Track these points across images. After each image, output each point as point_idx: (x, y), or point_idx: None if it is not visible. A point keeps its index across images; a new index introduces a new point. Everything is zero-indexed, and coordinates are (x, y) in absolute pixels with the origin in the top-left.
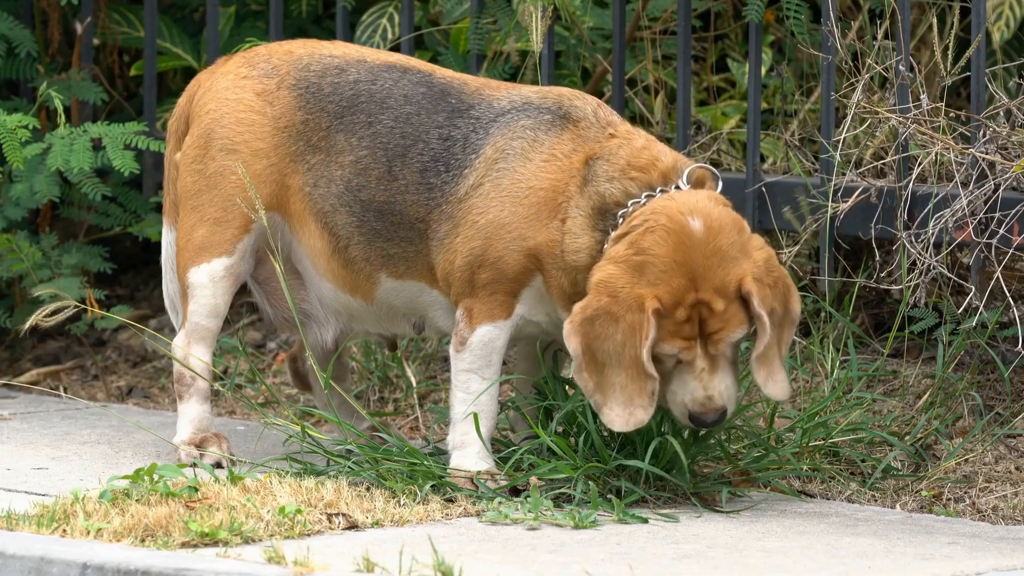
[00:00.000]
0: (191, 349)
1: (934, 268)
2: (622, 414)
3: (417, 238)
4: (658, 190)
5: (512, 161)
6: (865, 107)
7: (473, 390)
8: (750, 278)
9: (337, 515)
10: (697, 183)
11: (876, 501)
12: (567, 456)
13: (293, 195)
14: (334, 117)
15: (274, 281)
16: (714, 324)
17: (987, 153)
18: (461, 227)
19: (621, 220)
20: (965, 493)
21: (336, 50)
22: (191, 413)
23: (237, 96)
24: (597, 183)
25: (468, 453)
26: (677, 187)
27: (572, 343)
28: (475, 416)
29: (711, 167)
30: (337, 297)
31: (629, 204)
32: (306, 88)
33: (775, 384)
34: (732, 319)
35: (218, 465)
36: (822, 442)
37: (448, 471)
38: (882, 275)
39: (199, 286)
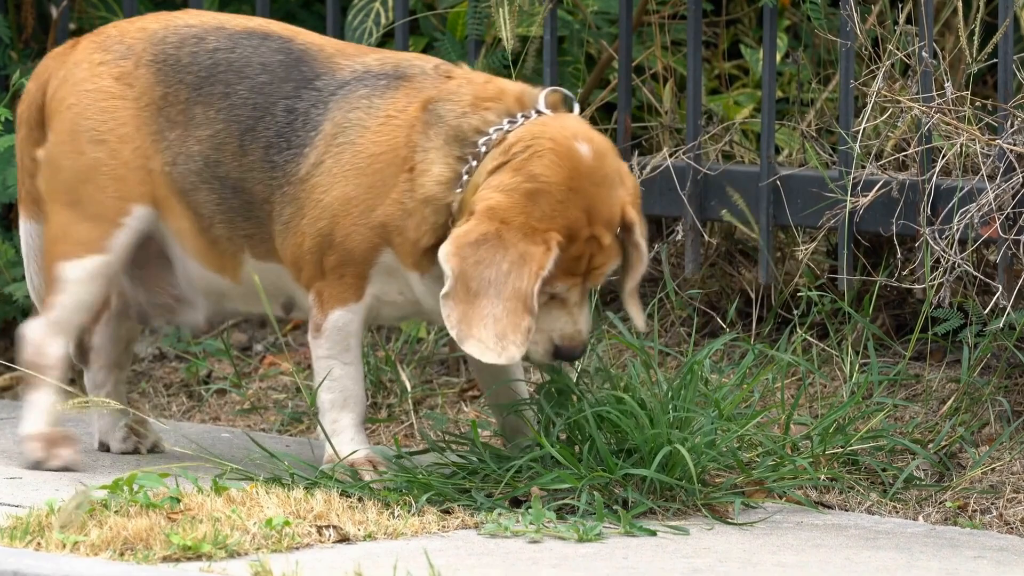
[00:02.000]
0: (48, 340)
1: (959, 266)
2: (494, 347)
3: (266, 219)
4: (519, 116)
5: (351, 134)
6: (886, 96)
7: (336, 376)
8: (630, 207)
9: (327, 527)
10: (553, 108)
11: (898, 512)
12: (570, 465)
13: (156, 177)
14: (192, 88)
15: (146, 266)
16: (599, 259)
17: (1015, 145)
18: (306, 208)
19: (484, 149)
20: (992, 504)
21: (192, 19)
22: (44, 403)
23: (96, 86)
24: (446, 121)
25: (343, 440)
26: (537, 112)
27: (451, 263)
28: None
29: (564, 89)
30: (205, 276)
31: (491, 131)
32: (164, 61)
33: (642, 317)
34: (612, 252)
35: (65, 471)
36: (840, 450)
37: (324, 461)
38: (904, 274)
39: (73, 281)
